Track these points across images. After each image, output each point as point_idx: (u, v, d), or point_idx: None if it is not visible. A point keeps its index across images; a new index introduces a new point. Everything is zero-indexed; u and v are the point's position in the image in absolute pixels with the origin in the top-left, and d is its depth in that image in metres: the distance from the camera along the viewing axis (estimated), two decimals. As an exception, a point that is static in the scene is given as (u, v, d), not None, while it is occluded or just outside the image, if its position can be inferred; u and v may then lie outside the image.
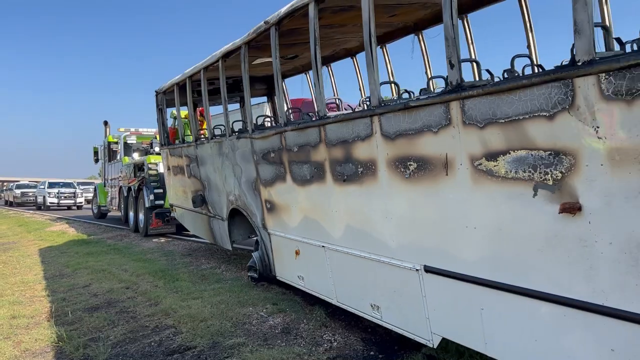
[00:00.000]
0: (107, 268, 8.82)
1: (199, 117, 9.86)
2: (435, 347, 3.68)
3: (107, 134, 17.48)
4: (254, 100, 10.36)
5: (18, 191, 35.31)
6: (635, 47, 3.62)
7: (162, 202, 12.19)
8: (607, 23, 4.30)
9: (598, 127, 2.31)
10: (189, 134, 9.90)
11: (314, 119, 4.97)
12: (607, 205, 2.35)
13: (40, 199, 30.13)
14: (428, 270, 3.56)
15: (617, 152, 2.26)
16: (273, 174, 5.64)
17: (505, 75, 3.65)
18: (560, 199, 2.53)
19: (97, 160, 18.89)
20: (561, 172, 2.52)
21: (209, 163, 7.58)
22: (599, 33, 4.00)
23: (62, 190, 29.82)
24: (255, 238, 6.88)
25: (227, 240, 7.47)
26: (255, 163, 6.02)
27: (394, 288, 3.99)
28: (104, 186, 18.19)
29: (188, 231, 10.87)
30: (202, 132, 9.28)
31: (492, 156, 2.87)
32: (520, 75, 3.66)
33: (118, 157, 16.25)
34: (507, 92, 2.75)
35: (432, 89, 5.42)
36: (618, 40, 3.78)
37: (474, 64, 4.79)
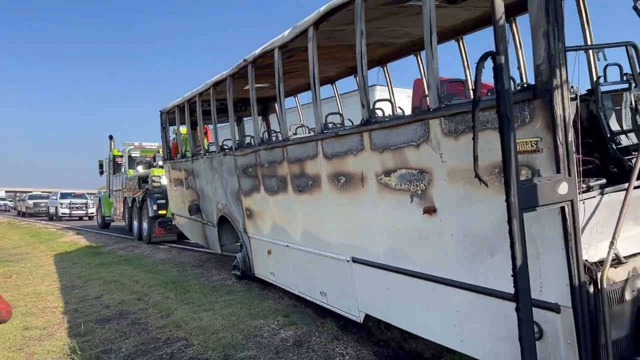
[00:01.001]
0: (118, 279, 8.93)
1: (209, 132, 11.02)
2: (361, 322, 4.71)
3: (112, 147, 18.63)
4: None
5: (31, 202, 36.43)
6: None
7: (164, 211, 13.21)
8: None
9: (442, 154, 3.36)
10: (189, 149, 11.04)
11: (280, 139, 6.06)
12: (449, 208, 3.38)
13: (52, 210, 30.82)
14: (355, 260, 4.60)
15: (452, 171, 3.30)
16: (251, 186, 6.71)
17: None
18: (424, 204, 3.57)
19: (102, 173, 19.85)
20: (425, 185, 3.56)
21: (203, 176, 8.68)
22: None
23: (74, 201, 30.61)
24: (239, 243, 7.94)
25: (217, 244, 8.53)
26: (237, 176, 7.10)
27: (334, 277, 5.03)
28: (109, 197, 19.26)
29: (188, 239, 11.91)
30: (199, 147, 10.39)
31: (387, 173, 3.93)
32: (403, 115, 4.75)
33: (122, 170, 17.32)
34: (395, 127, 3.81)
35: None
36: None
37: (390, 102, 5.92)
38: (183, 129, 11.23)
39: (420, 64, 6.50)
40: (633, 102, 3.72)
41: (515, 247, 2.41)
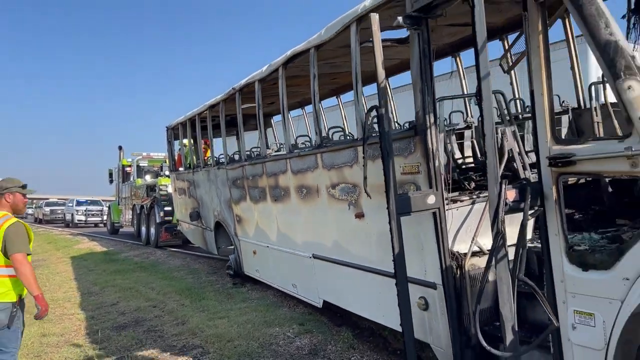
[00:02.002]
0: (134, 286, 9.04)
1: (203, 147, 12.13)
2: (321, 307, 5.77)
3: (121, 157, 19.75)
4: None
5: (47, 209, 36.84)
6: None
7: (170, 218, 14.29)
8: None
9: (366, 172, 4.41)
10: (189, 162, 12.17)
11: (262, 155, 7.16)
12: (372, 213, 4.43)
13: (68, 217, 31.32)
14: (315, 257, 5.66)
15: (372, 185, 4.32)
16: (239, 195, 7.80)
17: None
18: (356, 210, 4.62)
19: (111, 181, 20.94)
20: (356, 196, 4.61)
21: (202, 186, 9.79)
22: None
23: (90, 207, 30.83)
24: (232, 246, 9.02)
25: (214, 247, 9.62)
26: (229, 187, 8.20)
27: (301, 271, 6.10)
28: (118, 204, 20.37)
29: (191, 244, 12.92)
30: (205, 158, 11.47)
31: (334, 186, 4.99)
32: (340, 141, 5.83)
33: (131, 179, 18.45)
34: (337, 151, 4.88)
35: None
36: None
37: (342, 129, 7.03)
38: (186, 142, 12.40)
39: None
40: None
41: (393, 241, 3.48)
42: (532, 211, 2.83)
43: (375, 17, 3.48)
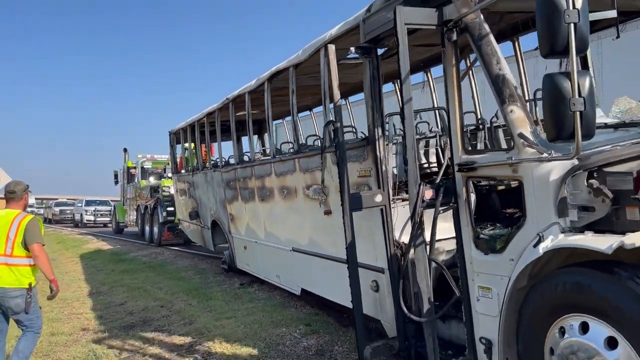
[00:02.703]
0: (142, 286, 9.13)
1: (204, 150, 12.93)
2: (299, 294, 6.50)
3: (126, 159, 20.63)
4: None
5: (57, 209, 37.13)
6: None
7: (172, 217, 15.05)
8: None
9: (332, 175, 5.14)
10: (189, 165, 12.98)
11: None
12: (337, 210, 5.13)
13: (77, 217, 31.65)
14: (294, 250, 6.40)
15: (336, 186, 5.03)
16: (232, 196, 8.56)
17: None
18: (325, 207, 5.36)
19: (117, 182, 21.84)
20: (326, 195, 5.34)
21: (200, 187, 10.57)
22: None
23: (99, 208, 31.01)
24: (227, 244, 9.79)
25: (211, 244, 10.39)
26: (223, 188, 8.96)
27: (283, 263, 6.84)
28: (123, 205, 21.26)
29: (195, 244, 13.58)
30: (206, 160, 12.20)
31: (308, 187, 5.73)
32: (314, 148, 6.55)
33: (136, 180, 19.32)
34: (311, 156, 5.61)
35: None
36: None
37: (317, 136, 7.77)
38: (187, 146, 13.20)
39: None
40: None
41: (346, 232, 4.21)
42: (446, 207, 3.56)
43: (331, 48, 4.23)
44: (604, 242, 2.59)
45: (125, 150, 20.97)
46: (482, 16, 3.38)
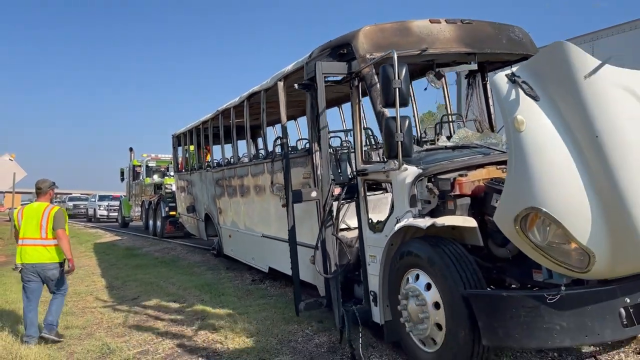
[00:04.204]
0: (154, 281, 9.27)
1: (204, 152, 14.59)
2: (267, 271, 8.09)
3: (132, 158, 22.24)
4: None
5: (70, 203, 37.88)
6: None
7: (174, 212, 16.53)
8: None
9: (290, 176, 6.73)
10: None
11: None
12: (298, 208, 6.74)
13: (90, 211, 32.12)
14: (264, 236, 8.00)
15: (292, 185, 6.65)
16: (220, 192, 10.18)
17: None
18: (283, 202, 6.91)
19: (122, 179, 23.60)
20: (283, 192, 6.91)
21: (197, 185, 12.23)
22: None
23: (112, 203, 31.24)
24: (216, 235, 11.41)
25: (204, 234, 12.05)
26: (214, 185, 10.59)
27: (256, 247, 8.44)
28: (128, 200, 22.98)
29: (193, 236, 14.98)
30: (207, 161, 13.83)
31: (272, 185, 7.31)
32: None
33: (141, 177, 20.93)
34: (276, 161, 7.19)
35: None
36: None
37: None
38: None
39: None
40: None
41: (288, 218, 5.79)
42: (350, 200, 5.13)
43: (280, 84, 5.83)
44: (424, 222, 4.14)
45: (131, 149, 22.50)
46: (374, 70, 4.91)
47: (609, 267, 3.30)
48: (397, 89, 4.06)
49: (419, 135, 7.26)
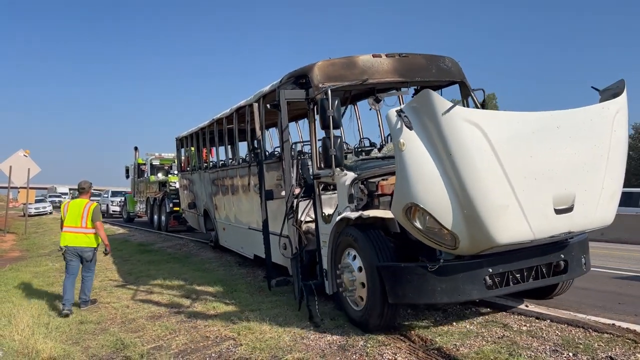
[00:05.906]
0: (167, 277, 9.39)
1: (205, 153, 16.04)
2: (252, 258, 9.51)
3: (137, 157, 23.62)
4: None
5: None
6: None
7: (178, 208, 17.89)
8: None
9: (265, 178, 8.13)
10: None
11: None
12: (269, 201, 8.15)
13: (103, 207, 31.53)
14: (250, 228, 9.41)
15: (269, 185, 8.03)
16: (216, 190, 11.62)
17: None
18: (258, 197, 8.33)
19: (127, 177, 24.86)
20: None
21: (197, 183, 13.68)
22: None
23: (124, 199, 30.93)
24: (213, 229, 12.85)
25: (203, 227, 13.50)
26: (210, 184, 12.03)
27: (244, 237, 9.85)
28: (133, 197, 24.34)
29: (196, 230, 16.38)
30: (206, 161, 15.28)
31: (255, 185, 8.71)
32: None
33: (145, 175, 22.22)
34: (257, 165, 8.60)
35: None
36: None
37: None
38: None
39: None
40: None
41: (262, 213, 7.20)
42: (308, 198, 6.51)
43: (255, 105, 7.23)
44: (354, 214, 5.53)
45: (135, 148, 23.98)
46: (324, 96, 6.26)
47: (471, 245, 4.64)
48: (331, 117, 5.45)
49: (362, 146, 8.68)
